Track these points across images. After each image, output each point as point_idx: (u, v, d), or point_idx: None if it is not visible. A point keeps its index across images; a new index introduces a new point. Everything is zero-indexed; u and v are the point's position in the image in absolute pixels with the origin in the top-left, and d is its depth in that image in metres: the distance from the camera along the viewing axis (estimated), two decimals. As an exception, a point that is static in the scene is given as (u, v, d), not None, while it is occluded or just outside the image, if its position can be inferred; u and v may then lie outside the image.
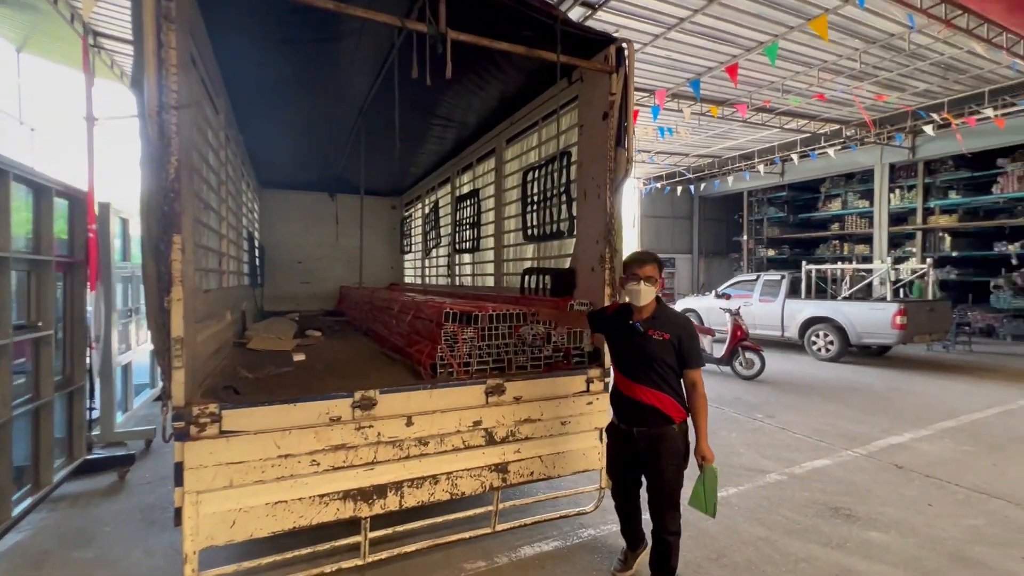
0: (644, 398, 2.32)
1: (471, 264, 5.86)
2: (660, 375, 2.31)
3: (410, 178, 7.82)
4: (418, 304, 3.39)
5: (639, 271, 2.33)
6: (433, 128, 5.25)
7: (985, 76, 8.58)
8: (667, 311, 2.42)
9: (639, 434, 2.34)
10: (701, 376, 2.35)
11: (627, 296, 2.40)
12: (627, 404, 2.39)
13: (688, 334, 2.34)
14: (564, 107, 3.80)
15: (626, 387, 2.39)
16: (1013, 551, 2.85)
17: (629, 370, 2.38)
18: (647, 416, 2.32)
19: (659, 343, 2.30)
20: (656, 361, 2.30)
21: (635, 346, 2.34)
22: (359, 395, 2.44)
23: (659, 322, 2.34)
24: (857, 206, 15.14)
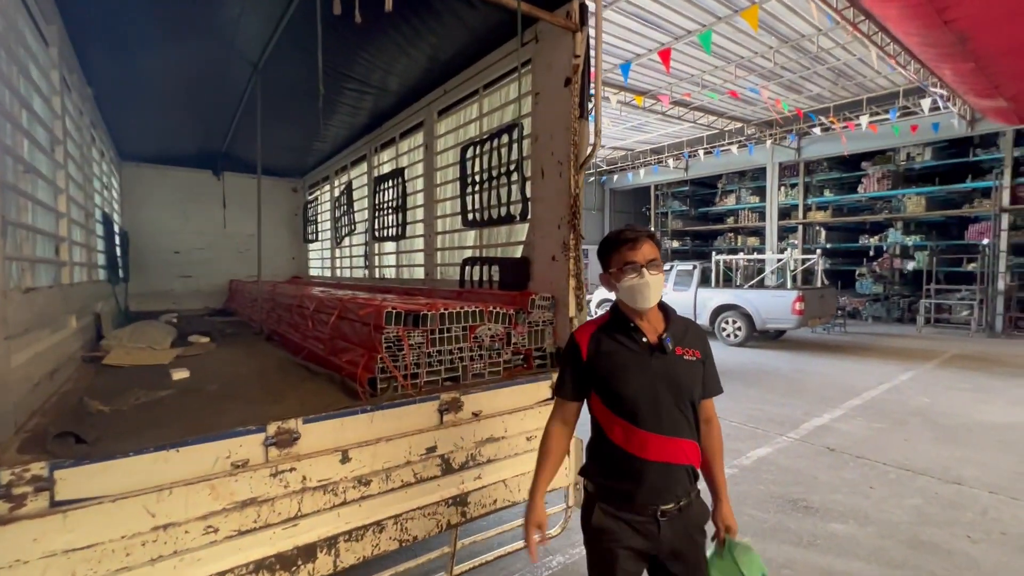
0: (679, 457, 1.48)
1: (395, 254, 5.19)
2: (693, 415, 1.53)
3: (316, 155, 6.86)
4: (345, 302, 2.74)
5: (634, 254, 1.50)
6: (346, 94, 4.48)
7: (866, 85, 9.61)
8: (678, 316, 1.62)
9: (666, 515, 1.47)
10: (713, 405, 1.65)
11: (626, 296, 1.53)
12: (644, 473, 1.47)
13: (708, 347, 1.61)
14: (513, 73, 3.33)
15: (643, 445, 1.47)
16: (957, 530, 2.96)
17: (648, 415, 1.47)
18: (680, 483, 1.49)
19: (691, 365, 1.52)
20: (692, 393, 1.51)
21: (658, 374, 1.48)
22: (274, 427, 1.79)
23: (679, 333, 1.55)
24: (749, 201, 16.50)
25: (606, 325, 1.61)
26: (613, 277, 1.56)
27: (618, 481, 1.53)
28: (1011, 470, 3.85)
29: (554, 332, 2.83)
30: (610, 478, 1.55)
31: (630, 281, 1.50)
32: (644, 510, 1.48)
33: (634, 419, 1.49)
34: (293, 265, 8.30)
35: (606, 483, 1.56)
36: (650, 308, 1.54)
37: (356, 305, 2.55)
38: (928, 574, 2.57)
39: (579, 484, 2.74)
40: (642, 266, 1.49)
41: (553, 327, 2.83)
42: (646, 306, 1.52)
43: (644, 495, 1.48)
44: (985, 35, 5.57)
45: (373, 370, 2.15)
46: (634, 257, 1.50)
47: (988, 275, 11.44)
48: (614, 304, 1.63)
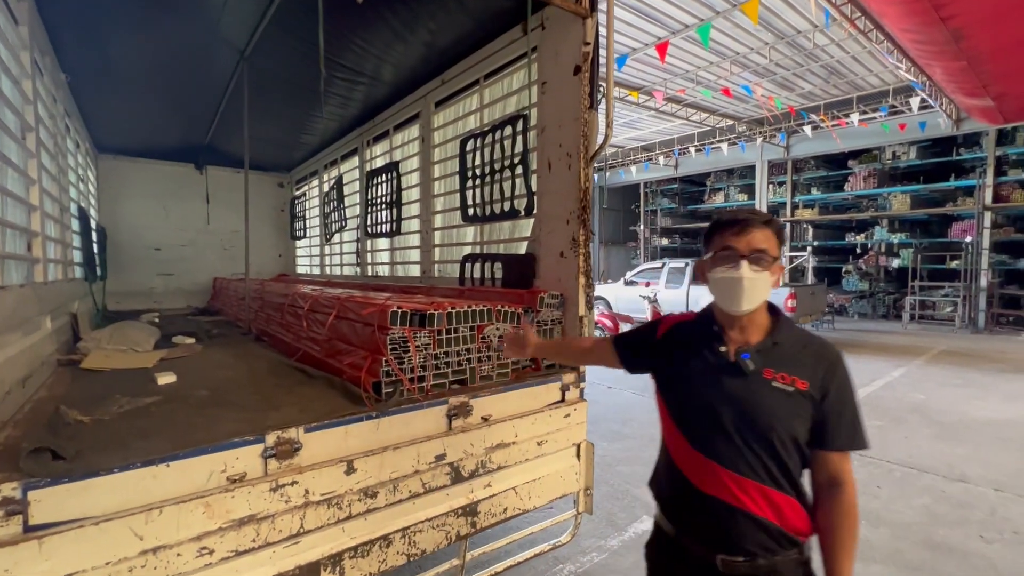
0: (742, 500, 1.18)
1: (389, 251, 5.03)
2: (776, 458, 1.17)
3: (304, 149, 6.64)
4: (343, 301, 2.59)
5: (737, 240, 1.18)
6: (337, 83, 4.31)
7: (857, 83, 9.67)
8: (796, 332, 1.26)
9: (728, 568, 1.19)
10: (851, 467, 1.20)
11: (714, 291, 1.25)
12: (700, 503, 1.23)
13: (844, 380, 1.19)
14: (517, 61, 3.21)
15: (699, 470, 1.24)
16: (969, 530, 2.92)
17: (705, 439, 1.23)
18: (745, 534, 1.18)
19: (782, 396, 1.17)
20: (774, 432, 1.16)
21: (729, 397, 1.20)
22: (273, 437, 1.65)
23: (784, 353, 1.21)
24: (738, 199, 16.60)
25: (691, 322, 1.39)
26: (702, 268, 1.29)
27: (675, 504, 1.33)
28: (1014, 467, 3.85)
29: (563, 331, 2.72)
30: (669, 499, 1.36)
31: (721, 273, 1.20)
32: (702, 550, 1.23)
33: (692, 438, 1.27)
34: (280, 263, 8.07)
35: (665, 502, 1.38)
36: (744, 313, 1.21)
37: (357, 304, 2.40)
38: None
39: (589, 491, 2.64)
40: (742, 256, 1.17)
41: (562, 326, 2.72)
42: (736, 308, 1.20)
43: (700, 532, 1.25)
44: (979, 33, 5.59)
45: (378, 373, 2.01)
46: (735, 243, 1.19)
47: (971, 272, 11.64)
48: (710, 303, 1.36)
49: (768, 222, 1.22)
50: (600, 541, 2.90)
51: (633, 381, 6.89)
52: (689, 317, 1.43)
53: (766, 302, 1.25)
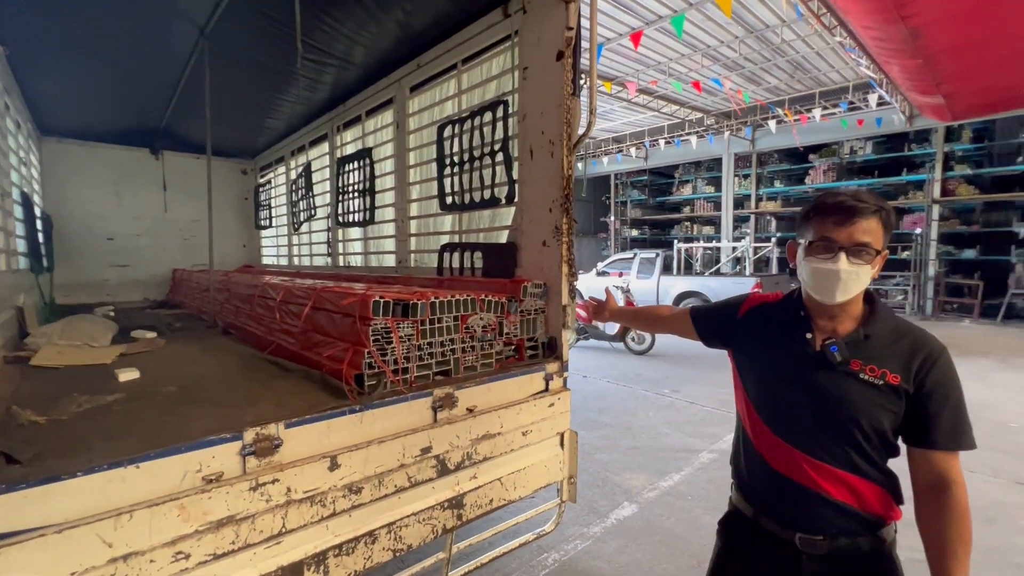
0: (821, 484, 1.18)
1: (362, 240, 4.89)
2: (858, 448, 1.16)
3: (269, 134, 6.36)
4: (320, 292, 2.49)
5: (838, 231, 1.13)
6: (305, 66, 4.13)
7: (820, 79, 9.99)
8: (891, 322, 1.21)
9: (807, 546, 1.19)
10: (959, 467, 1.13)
11: (806, 278, 1.21)
12: (778, 484, 1.24)
13: (945, 374, 1.15)
14: (497, 46, 3.14)
15: (777, 453, 1.24)
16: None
17: (788, 425, 1.23)
18: (824, 516, 1.18)
19: (871, 391, 1.14)
20: (855, 424, 1.15)
21: (812, 387, 1.19)
22: (252, 434, 1.57)
23: (876, 345, 1.17)
24: (705, 191, 16.97)
25: (776, 304, 1.36)
26: (794, 251, 1.25)
27: (753, 484, 1.33)
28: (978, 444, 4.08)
29: (546, 321, 2.70)
30: (747, 479, 1.36)
31: (817, 263, 1.15)
32: (779, 529, 1.23)
33: (771, 423, 1.26)
34: (244, 253, 7.76)
35: (743, 480, 1.38)
36: (840, 305, 1.18)
37: (335, 295, 2.31)
38: (909, 550, 2.65)
39: (573, 479, 2.65)
40: (841, 248, 1.12)
41: (545, 316, 2.70)
42: (828, 300, 1.17)
43: (779, 513, 1.25)
44: (935, 32, 5.84)
45: (360, 366, 1.94)
46: (836, 235, 1.13)
47: (920, 262, 12.29)
48: (798, 287, 1.32)
49: (877, 211, 1.13)
50: (583, 529, 2.92)
51: (608, 370, 6.98)
52: (774, 297, 1.39)
53: (867, 291, 1.22)
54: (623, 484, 3.43)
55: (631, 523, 2.95)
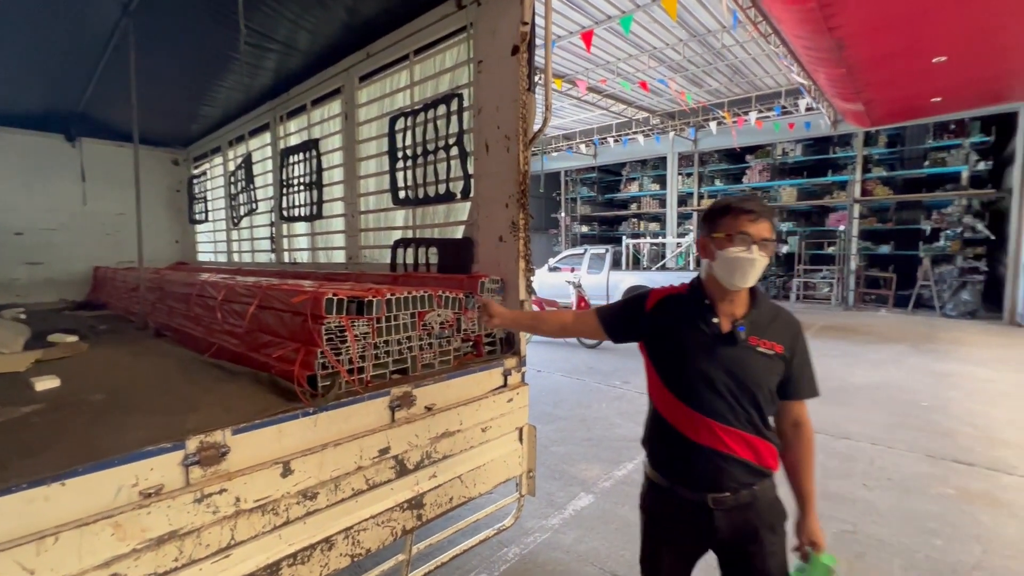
0: (731, 446, 1.38)
1: (309, 235, 4.68)
2: (759, 410, 1.40)
3: (202, 122, 5.96)
4: (267, 290, 2.36)
5: (752, 228, 1.34)
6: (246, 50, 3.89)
7: (756, 83, 10.54)
8: (768, 303, 1.47)
9: (718, 504, 1.39)
10: (807, 410, 1.50)
11: (724, 268, 1.38)
12: (692, 453, 1.42)
13: (804, 342, 1.46)
14: (450, 38, 3.09)
15: (691, 425, 1.41)
16: (855, 480, 3.35)
17: (699, 398, 1.40)
18: (731, 474, 1.39)
19: (766, 360, 1.39)
20: (759, 389, 1.38)
21: (723, 362, 1.38)
22: (196, 442, 1.47)
23: (762, 323, 1.42)
24: (651, 189, 17.54)
25: (681, 296, 1.52)
26: (716, 244, 1.39)
27: (668, 458, 1.50)
28: (883, 423, 4.49)
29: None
30: (662, 454, 1.53)
31: (736, 253, 1.35)
32: (695, 494, 1.42)
33: (687, 399, 1.43)
34: (177, 249, 7.24)
35: (660, 459, 1.54)
36: (741, 289, 1.40)
37: (284, 292, 2.20)
38: (840, 522, 2.88)
39: (532, 473, 2.67)
40: (755, 242, 1.34)
41: (503, 311, 2.69)
42: (741, 284, 1.38)
43: (692, 479, 1.43)
44: (858, 44, 6.31)
45: (313, 366, 1.86)
46: (751, 230, 1.34)
47: (843, 257, 13.30)
48: (696, 277, 1.52)
49: (771, 212, 1.44)
50: (542, 521, 2.96)
51: (562, 364, 7.09)
52: (677, 290, 1.55)
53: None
54: (579, 475, 3.50)
55: (588, 513, 3.02)
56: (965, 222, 11.89)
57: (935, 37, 6.33)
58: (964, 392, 5.49)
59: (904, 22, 5.78)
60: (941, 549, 2.69)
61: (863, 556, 2.61)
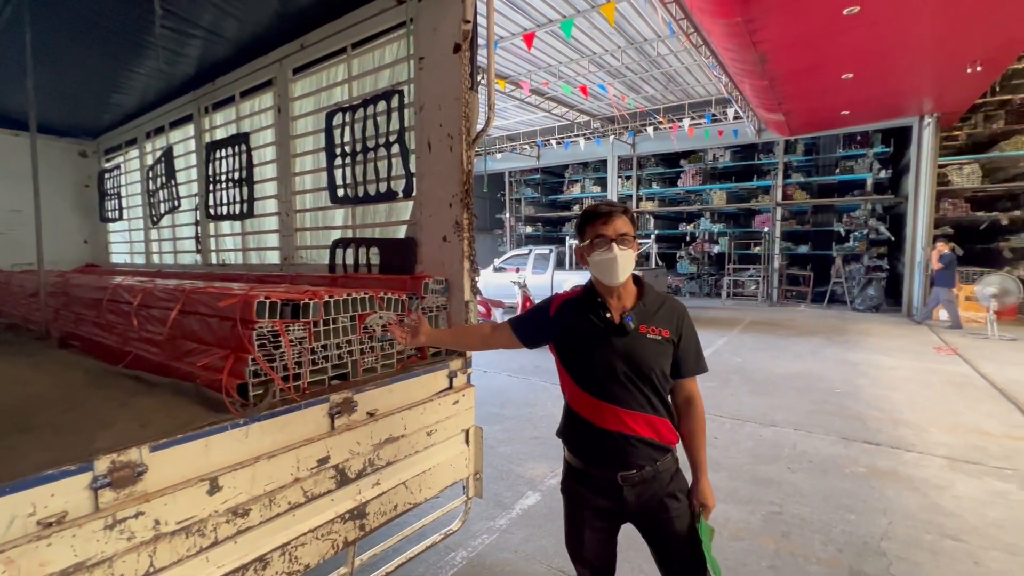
0: (634, 428, 1.52)
1: (239, 235, 4.40)
2: (655, 391, 1.54)
3: (115, 111, 5.45)
4: (190, 293, 2.19)
5: (605, 228, 1.50)
6: (164, 35, 3.61)
7: (689, 92, 11.08)
8: (654, 293, 1.63)
9: (626, 481, 1.53)
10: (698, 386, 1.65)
11: (596, 270, 1.55)
12: (600, 438, 1.55)
13: (689, 325, 1.61)
14: (389, 32, 3.01)
15: (598, 413, 1.55)
16: (781, 464, 3.59)
17: (603, 388, 1.53)
18: (637, 452, 1.52)
19: (655, 345, 1.53)
20: (653, 372, 1.51)
21: (618, 352, 1.51)
22: (106, 462, 1.34)
23: (650, 311, 1.56)
24: (593, 191, 18.01)
25: (577, 297, 1.66)
26: (585, 251, 1.57)
27: (581, 445, 1.63)
28: (805, 410, 4.85)
29: (448, 318, 2.66)
30: (576, 442, 1.65)
31: (599, 255, 1.51)
32: (605, 473, 1.56)
33: (591, 390, 1.56)
34: (86, 250, 6.59)
35: (573, 444, 1.67)
36: (619, 284, 1.54)
37: (210, 296, 2.05)
38: (768, 504, 3.08)
39: (479, 475, 2.65)
40: (612, 240, 1.49)
41: (447, 312, 2.66)
42: (614, 281, 1.53)
43: (603, 460, 1.57)
44: (779, 58, 6.78)
45: (243, 374, 1.74)
46: (605, 231, 1.51)
47: (767, 256, 14.28)
48: (589, 280, 1.66)
49: (624, 211, 1.56)
50: (489, 523, 2.94)
51: (508, 364, 7.11)
52: (574, 293, 1.69)
53: (632, 274, 1.61)
54: (526, 474, 3.52)
55: (535, 511, 3.04)
56: (870, 224, 13.13)
57: (843, 56, 6.93)
58: (871, 379, 6.05)
59: (818, 40, 6.29)
60: (855, 523, 2.95)
61: (788, 535, 2.80)
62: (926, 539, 2.79)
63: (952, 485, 3.40)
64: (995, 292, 8.50)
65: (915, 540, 2.78)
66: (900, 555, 2.65)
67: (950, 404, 5.08)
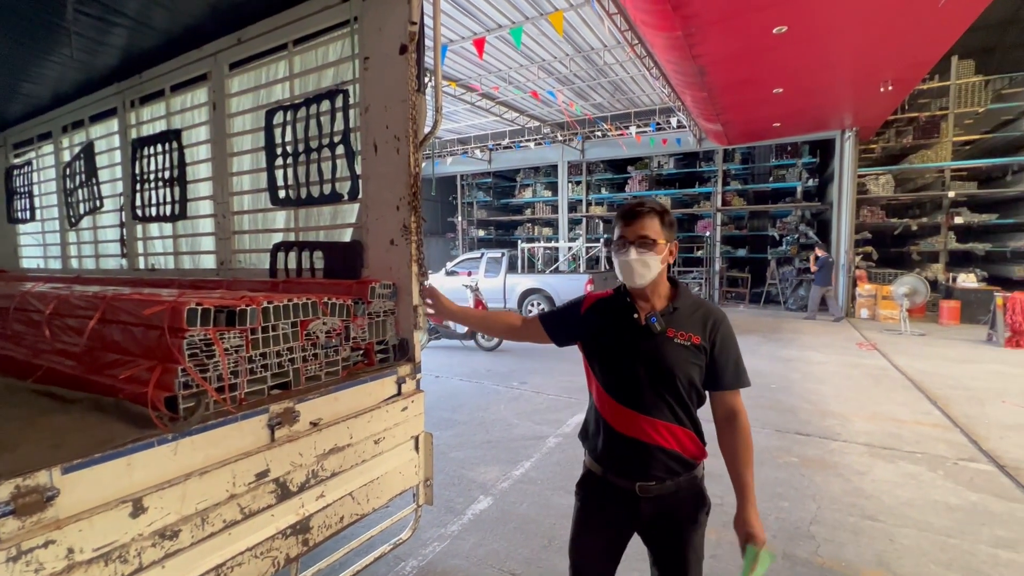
0: (654, 437, 1.46)
1: (171, 238, 4.13)
2: (680, 400, 1.47)
3: (25, 102, 4.99)
4: (111, 300, 2.03)
5: (627, 230, 1.46)
6: (81, 21, 3.35)
7: (635, 100, 11.47)
8: (691, 298, 1.56)
9: (644, 492, 1.47)
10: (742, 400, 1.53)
11: (618, 271, 1.52)
12: (622, 445, 1.50)
13: (728, 334, 1.51)
14: (333, 30, 2.93)
15: (621, 419, 1.50)
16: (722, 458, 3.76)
17: (626, 392, 1.49)
18: (657, 463, 1.46)
19: (683, 350, 1.45)
20: (677, 379, 1.44)
21: (642, 355, 1.47)
22: (8, 487, 1.22)
23: (682, 316, 1.49)
24: (544, 195, 18.24)
25: (610, 297, 1.63)
26: (613, 250, 1.55)
27: (601, 449, 1.57)
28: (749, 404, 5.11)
29: (396, 323, 2.61)
30: (596, 445, 1.59)
31: (618, 256, 1.49)
32: (624, 482, 1.50)
33: (613, 392, 1.52)
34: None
35: (593, 448, 1.61)
36: (640, 287, 1.50)
37: (134, 303, 1.91)
38: (713, 497, 3.21)
39: (429, 481, 2.61)
40: (630, 243, 1.45)
41: (395, 317, 2.61)
42: (633, 283, 1.49)
43: (621, 468, 1.51)
44: (716, 71, 7.16)
45: (172, 386, 1.63)
46: (626, 232, 1.47)
47: (709, 259, 14.99)
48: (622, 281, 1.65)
49: (653, 212, 1.48)
50: (440, 530, 2.91)
51: (459, 368, 7.06)
52: (607, 294, 1.66)
53: (666, 276, 1.56)
54: (478, 478, 3.50)
55: (487, 515, 3.03)
56: (801, 229, 14.07)
57: (774, 71, 7.41)
58: (802, 374, 6.47)
59: (751, 56, 6.69)
60: (787, 510, 3.14)
61: (728, 525, 2.92)
62: (849, 521, 3.02)
63: (871, 470, 3.69)
64: (907, 292, 9.33)
65: (839, 523, 3.00)
66: (827, 537, 2.85)
67: (870, 395, 5.52)
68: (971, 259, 12.72)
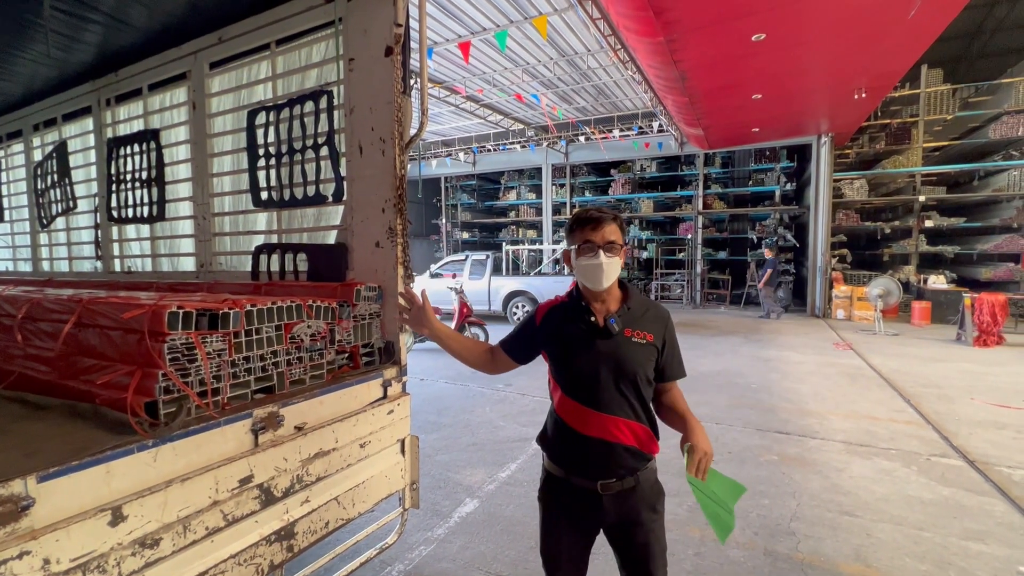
0: (616, 435, 1.50)
1: (148, 240, 4.04)
2: (639, 397, 1.53)
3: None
4: (88, 304, 1.98)
5: (594, 235, 1.50)
6: (55, 17, 3.27)
7: (618, 105, 11.59)
8: (639, 298, 1.63)
9: (606, 489, 1.51)
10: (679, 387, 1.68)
11: (580, 275, 1.55)
12: (583, 446, 1.53)
13: (673, 330, 1.63)
14: (317, 30, 2.91)
15: (583, 419, 1.53)
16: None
17: (588, 393, 1.52)
18: (618, 461, 1.51)
19: (640, 348, 1.52)
20: (638, 376, 1.51)
21: (603, 355, 1.51)
22: (-19, 499, 1.18)
23: (635, 315, 1.56)
24: (528, 197, 18.30)
25: (564, 303, 1.66)
26: (574, 255, 1.57)
27: (563, 452, 1.60)
28: (724, 404, 5.21)
29: (382, 325, 2.60)
30: (558, 449, 1.62)
31: (586, 260, 1.51)
32: (585, 482, 1.54)
33: (575, 395, 1.55)
34: (-44, 256, 5.75)
35: (554, 452, 1.64)
36: (603, 289, 1.54)
37: (112, 307, 1.87)
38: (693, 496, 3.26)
39: (415, 485, 2.60)
40: (599, 247, 1.49)
41: (381, 320, 2.59)
42: (598, 287, 1.53)
43: (584, 468, 1.54)
44: (697, 77, 7.28)
45: (152, 391, 1.60)
46: (593, 237, 1.50)
47: (691, 262, 15.20)
48: (573, 284, 1.69)
49: (614, 218, 1.55)
50: (427, 533, 2.89)
51: (445, 371, 7.04)
52: (558, 301, 1.70)
53: (618, 280, 1.61)
54: (464, 481, 3.49)
55: (473, 518, 3.02)
56: (779, 232, 14.36)
57: (753, 78, 7.57)
58: (781, 374, 6.60)
59: (731, 62, 6.82)
60: (768, 507, 3.20)
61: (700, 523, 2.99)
62: (827, 517, 3.09)
63: (848, 467, 3.79)
64: (881, 293, 9.59)
65: (819, 519, 3.07)
66: (807, 533, 2.91)
67: (846, 394, 5.66)
68: (941, 261, 13.15)
